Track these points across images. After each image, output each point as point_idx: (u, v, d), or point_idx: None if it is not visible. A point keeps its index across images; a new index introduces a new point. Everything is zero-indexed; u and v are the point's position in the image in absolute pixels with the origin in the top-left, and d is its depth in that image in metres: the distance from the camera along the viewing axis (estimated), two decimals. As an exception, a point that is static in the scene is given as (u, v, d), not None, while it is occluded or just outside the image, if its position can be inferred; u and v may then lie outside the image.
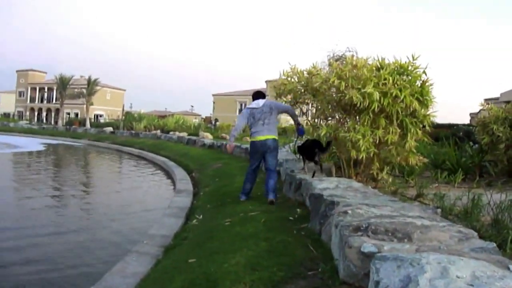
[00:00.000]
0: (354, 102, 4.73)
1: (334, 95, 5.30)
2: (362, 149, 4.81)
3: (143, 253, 4.06)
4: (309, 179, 4.72)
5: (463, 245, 2.10)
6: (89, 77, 44.06)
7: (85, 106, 43.39)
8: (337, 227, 2.60)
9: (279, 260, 2.81)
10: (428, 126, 5.14)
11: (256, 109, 5.30)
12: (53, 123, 51.44)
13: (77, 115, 54.96)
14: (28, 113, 60.94)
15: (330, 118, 5.83)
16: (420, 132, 5.10)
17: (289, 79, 5.82)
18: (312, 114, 6.31)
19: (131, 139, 24.88)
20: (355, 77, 4.89)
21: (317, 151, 5.21)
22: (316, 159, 5.28)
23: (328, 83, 5.08)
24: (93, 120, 46.02)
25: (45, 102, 61.70)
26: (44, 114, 61.29)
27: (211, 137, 21.07)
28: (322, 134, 5.28)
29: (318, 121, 5.99)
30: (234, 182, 7.26)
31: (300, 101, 5.98)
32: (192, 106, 76.95)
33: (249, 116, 5.30)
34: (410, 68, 4.96)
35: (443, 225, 2.42)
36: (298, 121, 5.75)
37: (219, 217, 4.76)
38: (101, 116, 54.52)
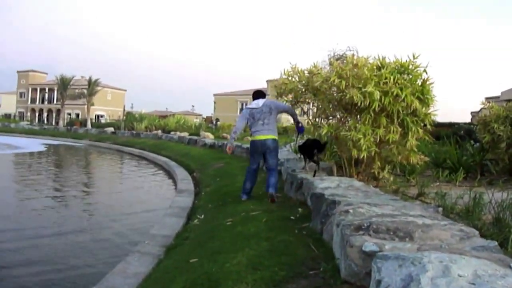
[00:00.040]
0: (355, 101, 4.73)
1: (335, 94, 5.30)
2: (363, 148, 4.81)
3: (144, 253, 4.07)
4: (310, 179, 4.72)
5: (464, 244, 2.10)
6: (90, 78, 44.07)
7: (86, 106, 43.42)
8: (338, 226, 2.60)
9: (281, 259, 2.81)
10: (429, 125, 5.13)
11: (255, 109, 5.32)
12: (54, 123, 51.48)
13: (78, 115, 54.99)
14: (29, 114, 61.00)
15: (331, 117, 5.84)
16: (421, 131, 5.10)
17: (290, 78, 5.83)
18: (313, 113, 6.31)
19: (132, 139, 24.89)
20: (355, 76, 4.89)
21: (315, 151, 5.24)
22: (314, 158, 5.31)
23: (328, 82, 5.08)
24: (94, 120, 46.07)
25: (46, 102, 61.75)
26: (45, 114, 61.37)
27: (212, 137, 21.08)
28: (323, 133, 5.30)
29: (319, 120, 5.99)
30: (235, 181, 7.26)
31: (301, 100, 5.99)
32: (193, 106, 77.18)
33: (249, 116, 5.32)
34: (410, 67, 4.95)
35: (445, 224, 2.41)
36: (297, 120, 5.76)
37: (221, 217, 4.77)
38: (102, 116, 54.60)
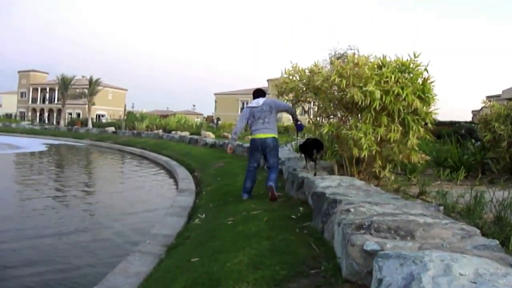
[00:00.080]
0: (355, 100, 4.73)
1: (335, 93, 5.30)
2: (364, 147, 4.81)
3: (145, 253, 4.07)
4: (311, 178, 4.71)
5: (466, 243, 2.10)
6: (91, 77, 44.03)
7: (87, 106, 43.41)
8: (339, 225, 2.60)
9: (282, 258, 2.81)
10: (430, 123, 5.12)
11: (256, 108, 5.38)
12: (55, 123, 51.52)
13: (79, 115, 55.04)
14: (30, 114, 61.04)
15: (332, 116, 5.84)
16: (422, 129, 5.09)
17: (291, 77, 5.83)
18: (314, 112, 6.31)
19: (133, 139, 24.91)
20: (356, 75, 4.88)
21: (314, 151, 5.26)
22: (313, 158, 5.34)
23: (329, 81, 5.08)
24: (95, 120, 46.06)
25: (47, 102, 61.80)
26: (46, 114, 61.42)
27: (213, 136, 21.09)
28: (324, 132, 5.31)
29: (320, 119, 5.99)
30: (236, 181, 7.26)
31: (302, 99, 5.99)
32: (193, 105, 76.87)
33: (249, 115, 5.39)
34: (411, 65, 4.94)
35: (446, 222, 2.41)
36: (297, 118, 5.84)
37: (222, 216, 4.77)
38: (103, 116, 54.65)
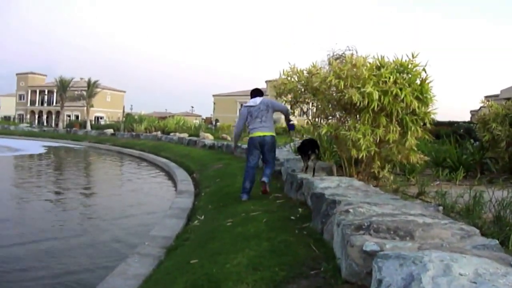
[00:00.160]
0: (354, 101, 4.73)
1: (334, 94, 5.30)
2: (362, 148, 4.80)
3: (144, 255, 4.06)
4: (310, 179, 4.71)
5: (465, 243, 2.10)
6: (89, 79, 43.98)
7: (86, 108, 43.35)
8: (339, 226, 2.59)
9: (281, 260, 2.80)
10: (428, 123, 5.13)
11: (253, 107, 5.51)
12: (53, 125, 51.47)
13: (77, 117, 54.89)
14: (28, 116, 60.98)
15: (330, 117, 5.84)
16: (420, 130, 5.09)
17: (289, 78, 5.83)
18: (312, 113, 6.32)
19: (131, 141, 24.88)
20: (354, 76, 4.88)
21: (309, 151, 5.29)
22: (310, 158, 5.35)
23: (327, 82, 5.08)
24: (93, 122, 46.04)
25: (45, 104, 61.70)
26: (44, 116, 61.33)
27: (211, 137, 21.05)
28: (322, 133, 5.32)
29: (318, 120, 6.01)
30: (235, 182, 7.25)
31: (300, 100, 6.00)
32: (192, 107, 77.05)
33: (247, 115, 5.51)
34: (410, 66, 4.95)
35: (445, 222, 2.41)
36: (289, 118, 5.95)
37: (221, 218, 4.76)
38: (101, 118, 54.57)
